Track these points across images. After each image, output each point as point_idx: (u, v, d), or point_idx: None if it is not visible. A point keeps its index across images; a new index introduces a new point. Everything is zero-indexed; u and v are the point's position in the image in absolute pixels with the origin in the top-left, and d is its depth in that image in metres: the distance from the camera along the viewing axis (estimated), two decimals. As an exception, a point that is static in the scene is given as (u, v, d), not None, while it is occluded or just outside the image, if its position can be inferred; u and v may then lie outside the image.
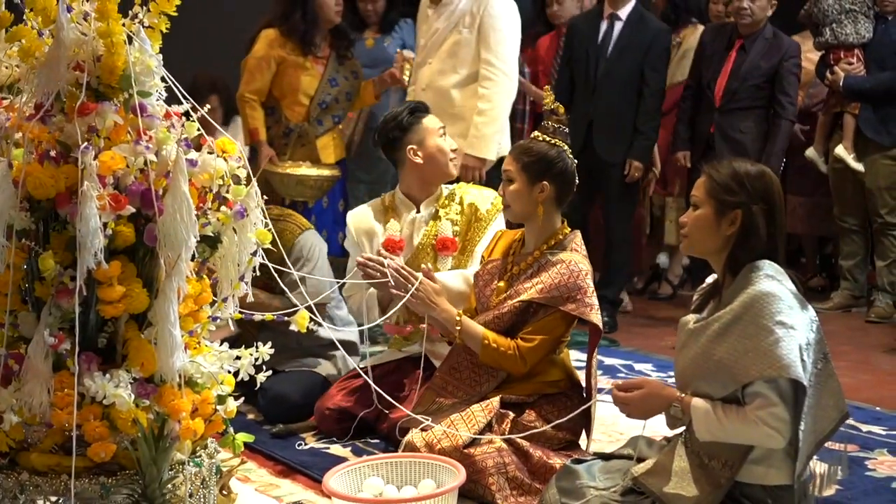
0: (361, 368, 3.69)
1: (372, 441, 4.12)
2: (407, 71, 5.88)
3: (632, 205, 6.63)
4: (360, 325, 4.09)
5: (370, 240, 4.36)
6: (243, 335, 4.39)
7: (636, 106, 6.32)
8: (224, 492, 3.25)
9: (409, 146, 4.32)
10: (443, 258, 4.22)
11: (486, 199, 4.32)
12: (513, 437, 3.63)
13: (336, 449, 4.06)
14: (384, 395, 3.45)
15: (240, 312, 2.98)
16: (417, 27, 5.84)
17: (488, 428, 3.67)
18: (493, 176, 5.37)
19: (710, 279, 3.28)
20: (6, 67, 3.42)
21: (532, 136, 3.88)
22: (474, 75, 5.52)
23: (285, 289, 3.38)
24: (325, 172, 5.57)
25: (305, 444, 4.09)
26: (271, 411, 4.30)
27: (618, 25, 6.36)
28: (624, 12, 6.36)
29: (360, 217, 4.44)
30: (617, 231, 6.55)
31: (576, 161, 3.86)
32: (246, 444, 3.04)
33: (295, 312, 3.01)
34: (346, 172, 6.10)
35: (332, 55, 5.78)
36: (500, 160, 5.44)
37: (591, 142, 6.29)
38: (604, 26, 6.38)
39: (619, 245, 6.57)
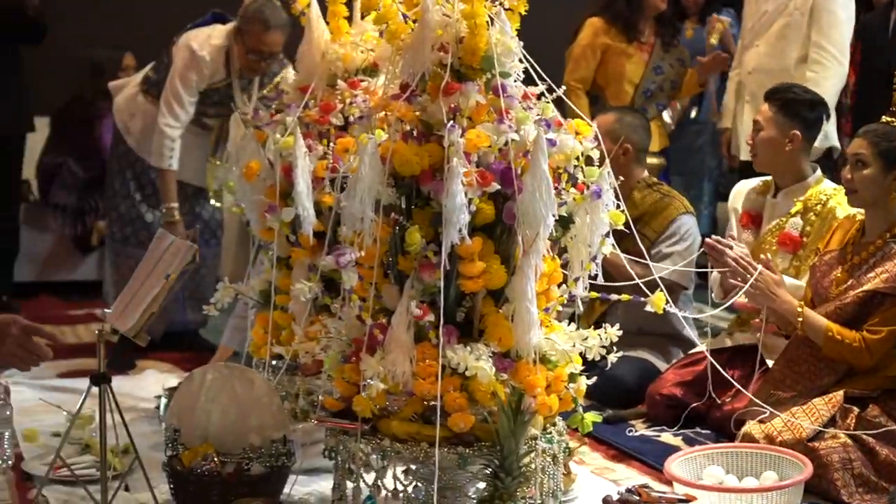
0: (703, 352, 3.63)
1: (702, 431, 4.06)
2: (714, 37, 5.76)
3: None
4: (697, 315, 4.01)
5: (734, 212, 4.33)
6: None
7: None
8: (564, 471, 3.27)
9: None
10: (782, 254, 4.09)
11: (847, 209, 4.11)
12: (860, 433, 3.49)
13: (667, 437, 4.02)
14: (730, 378, 3.38)
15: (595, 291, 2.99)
16: (745, 8, 5.68)
17: (832, 423, 3.55)
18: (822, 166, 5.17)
19: None
20: (362, 52, 3.58)
21: (883, 120, 3.73)
22: (803, 59, 5.33)
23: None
24: (652, 161, 5.52)
25: (636, 431, 4.08)
26: (605, 392, 4.31)
27: None
28: None
29: (741, 187, 4.42)
30: None
31: None
32: (577, 429, 3.05)
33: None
34: (670, 162, 6.04)
35: (658, 42, 5.70)
36: (828, 149, 5.26)
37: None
38: (893, 16, 6.03)
39: None
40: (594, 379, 2.97)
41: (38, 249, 6.83)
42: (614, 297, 3.00)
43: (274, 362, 3.55)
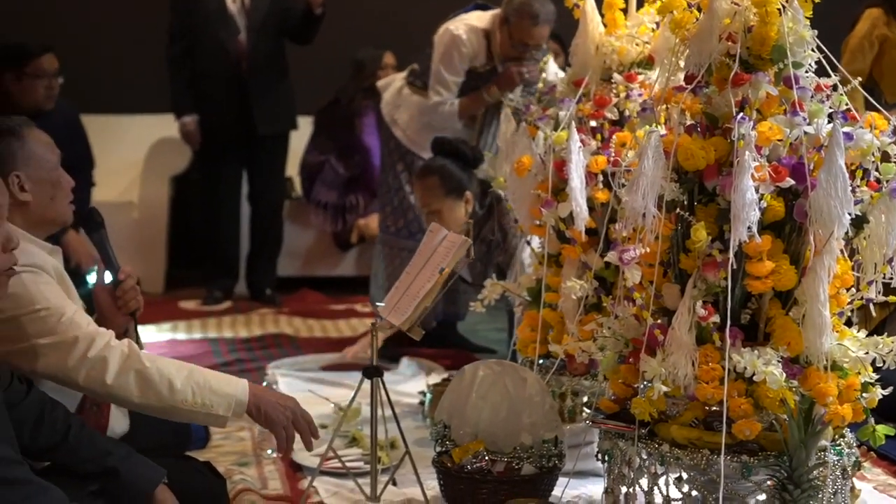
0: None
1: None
2: None
3: None
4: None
5: None
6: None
7: None
8: (849, 486, 3.09)
9: None
10: None
11: None
12: None
13: (954, 454, 3.75)
14: None
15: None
16: None
17: None
18: None
19: None
20: (637, 44, 3.49)
21: None
22: None
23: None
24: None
25: (916, 445, 3.82)
26: (879, 402, 4.05)
27: None
28: None
29: None
30: None
31: None
32: (866, 442, 2.86)
33: None
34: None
35: (941, 37, 5.39)
36: None
37: None
38: None
39: None
40: (889, 389, 2.78)
41: (300, 245, 7.02)
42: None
43: (541, 361, 3.49)
